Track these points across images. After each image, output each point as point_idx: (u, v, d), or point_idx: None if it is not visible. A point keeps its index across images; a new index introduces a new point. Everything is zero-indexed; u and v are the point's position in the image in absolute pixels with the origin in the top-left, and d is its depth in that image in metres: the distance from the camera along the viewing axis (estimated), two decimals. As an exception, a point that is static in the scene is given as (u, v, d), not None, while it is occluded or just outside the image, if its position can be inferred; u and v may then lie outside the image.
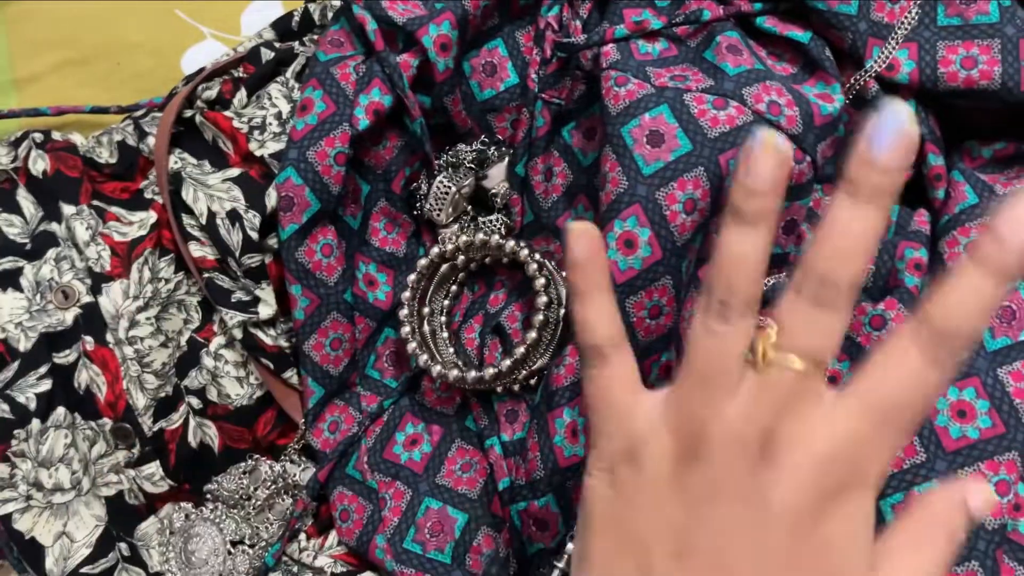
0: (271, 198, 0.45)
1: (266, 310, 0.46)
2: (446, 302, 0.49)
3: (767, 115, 0.41)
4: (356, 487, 0.46)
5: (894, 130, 0.27)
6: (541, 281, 0.45)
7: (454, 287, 0.49)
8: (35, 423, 0.46)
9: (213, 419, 0.48)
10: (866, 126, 0.27)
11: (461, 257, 0.48)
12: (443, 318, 0.49)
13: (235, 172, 0.46)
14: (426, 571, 0.43)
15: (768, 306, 0.45)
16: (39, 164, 0.48)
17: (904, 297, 0.42)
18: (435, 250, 0.47)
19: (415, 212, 0.49)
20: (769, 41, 0.45)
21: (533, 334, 0.44)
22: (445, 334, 0.49)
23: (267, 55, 0.48)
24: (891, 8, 0.44)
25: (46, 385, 0.47)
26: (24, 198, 0.48)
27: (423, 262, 0.47)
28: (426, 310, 0.48)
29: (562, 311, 0.45)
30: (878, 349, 0.28)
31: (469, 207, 0.48)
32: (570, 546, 0.42)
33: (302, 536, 0.47)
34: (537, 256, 0.46)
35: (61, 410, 0.47)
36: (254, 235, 0.45)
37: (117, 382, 0.47)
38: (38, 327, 0.46)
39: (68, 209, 0.47)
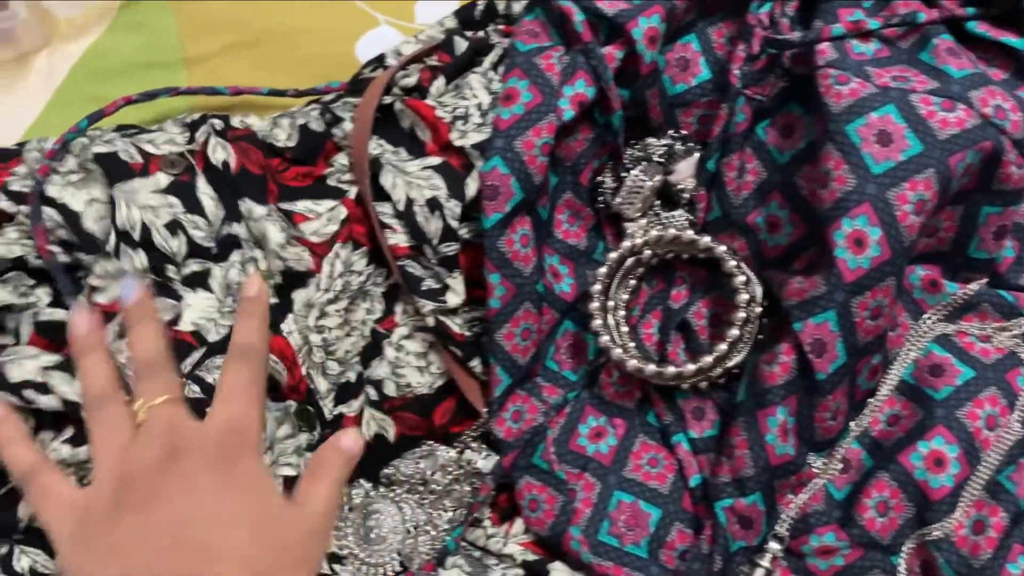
0: (470, 188, 0.45)
1: (454, 299, 0.46)
2: (625, 296, 0.49)
3: (993, 119, 0.40)
4: (544, 477, 0.46)
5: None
6: (741, 278, 0.45)
7: (633, 281, 0.49)
8: None
9: (388, 412, 0.48)
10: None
11: (647, 252, 0.48)
12: (622, 312, 0.49)
13: (436, 160, 0.46)
14: (624, 565, 0.43)
15: (970, 311, 0.44)
16: (219, 153, 0.48)
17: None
18: (626, 244, 0.47)
19: (597, 205, 0.49)
20: (977, 46, 0.45)
21: (735, 331, 0.44)
22: (625, 328, 0.48)
23: (460, 44, 0.48)
24: (1104, 16, 0.44)
25: None
26: (205, 194, 0.47)
27: (613, 255, 0.47)
28: (610, 303, 0.48)
29: (758, 309, 0.45)
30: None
31: (657, 202, 0.48)
32: (773, 544, 0.42)
33: (487, 522, 0.46)
34: (732, 253, 0.46)
35: None
36: (454, 224, 0.45)
37: (296, 367, 0.47)
38: (228, 324, 0.47)
39: (259, 210, 0.47)
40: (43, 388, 0.45)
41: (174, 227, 0.47)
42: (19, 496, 0.44)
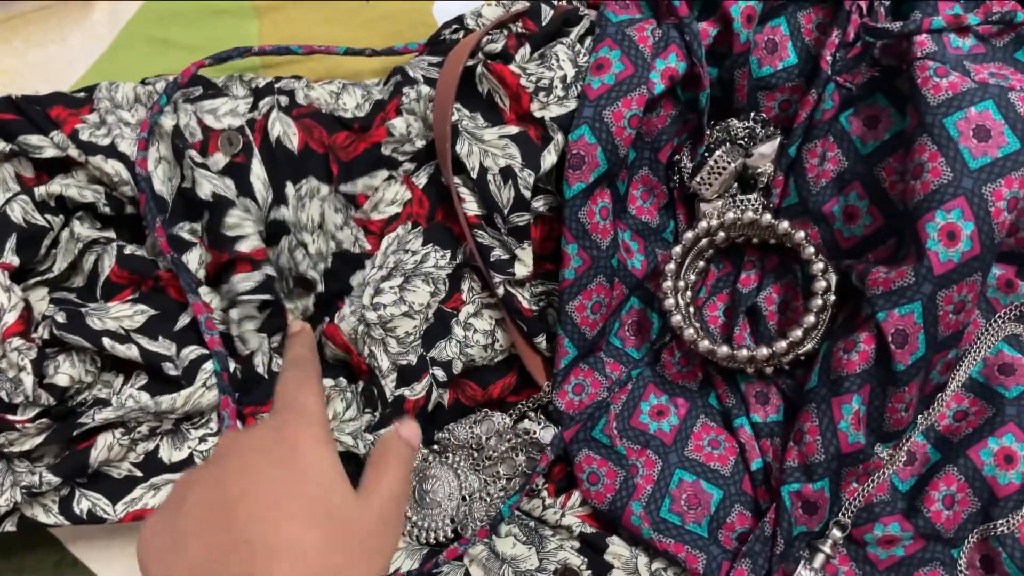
0: (546, 160, 0.45)
1: (522, 269, 0.46)
2: (692, 277, 0.49)
3: (1090, 122, 0.40)
4: (603, 451, 0.45)
5: None
6: (819, 266, 0.45)
7: (701, 263, 0.49)
8: None
9: (451, 384, 0.48)
10: None
11: (721, 234, 0.48)
12: (689, 293, 0.49)
13: (514, 129, 0.45)
14: (684, 543, 0.43)
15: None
16: (278, 129, 0.47)
17: None
18: (702, 225, 0.47)
19: (672, 183, 0.49)
20: (1070, 48, 0.44)
21: (811, 318, 0.44)
22: (692, 309, 0.48)
23: (547, 13, 0.48)
24: None
25: None
26: (257, 178, 0.47)
27: (689, 235, 0.47)
28: (680, 283, 0.48)
29: (833, 297, 0.45)
30: None
31: (735, 184, 0.48)
32: (835, 531, 0.43)
33: (544, 493, 0.46)
34: (809, 240, 0.46)
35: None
36: (527, 194, 0.45)
37: (352, 352, 0.47)
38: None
39: (324, 189, 0.47)
40: (122, 338, 0.44)
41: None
42: (92, 441, 0.44)
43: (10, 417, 0.44)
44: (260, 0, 0.54)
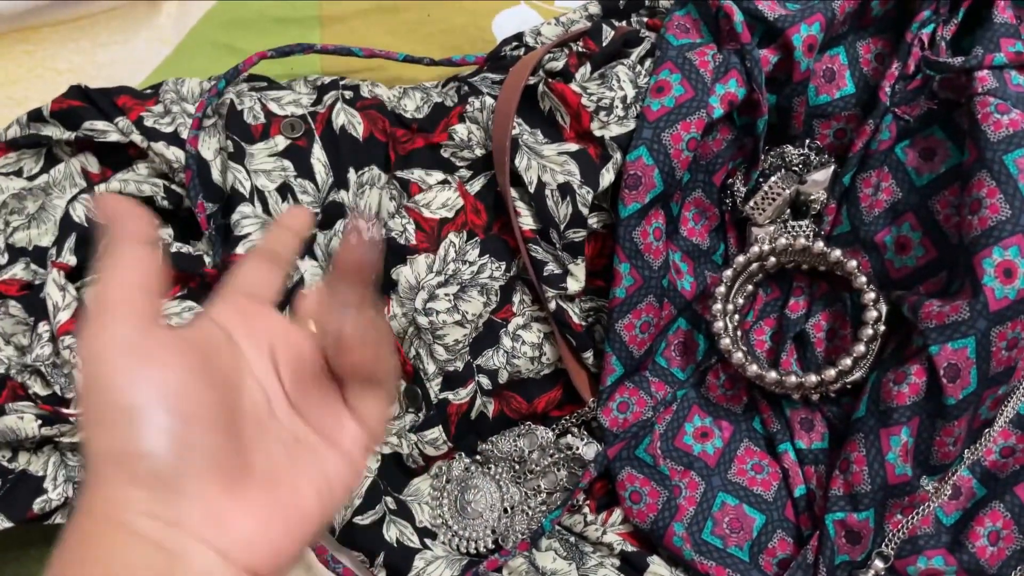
0: (604, 178, 0.45)
1: (574, 285, 0.47)
2: (740, 301, 0.49)
3: None
4: (647, 470, 0.46)
5: None
6: (871, 295, 0.45)
7: (750, 287, 0.49)
8: None
9: (496, 394, 0.48)
10: None
11: (772, 259, 0.48)
12: (737, 316, 0.49)
13: (573, 147, 0.46)
14: (726, 566, 0.44)
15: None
16: (342, 118, 0.48)
17: None
18: (754, 249, 0.47)
19: (724, 207, 0.49)
20: None
21: (862, 347, 0.44)
22: (739, 332, 0.49)
23: (607, 33, 0.48)
24: None
25: None
26: (317, 160, 0.48)
27: (740, 259, 0.47)
28: (729, 307, 0.48)
29: (883, 327, 0.45)
30: None
31: (787, 210, 0.48)
32: (878, 562, 0.43)
33: (585, 509, 0.47)
34: (860, 269, 0.46)
35: None
36: (584, 210, 0.45)
37: (399, 351, 0.48)
38: None
39: (383, 178, 0.48)
40: None
41: (284, 191, 0.48)
42: None
43: (64, 410, 0.45)
44: (325, 12, 0.55)
